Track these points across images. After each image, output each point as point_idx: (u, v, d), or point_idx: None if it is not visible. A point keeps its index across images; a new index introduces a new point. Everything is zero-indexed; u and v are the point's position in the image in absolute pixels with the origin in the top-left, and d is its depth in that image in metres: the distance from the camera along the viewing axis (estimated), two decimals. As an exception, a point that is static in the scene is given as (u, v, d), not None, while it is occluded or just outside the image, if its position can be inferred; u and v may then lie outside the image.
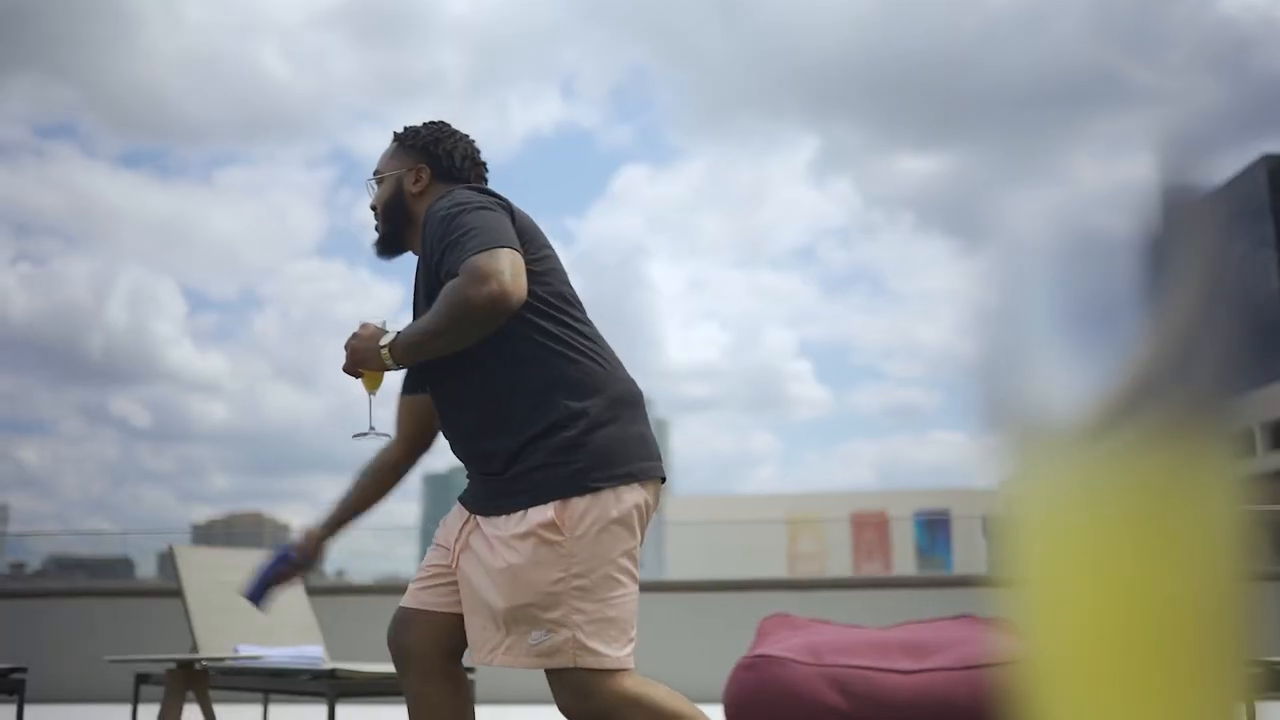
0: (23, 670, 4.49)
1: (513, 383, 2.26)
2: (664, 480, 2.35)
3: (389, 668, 2.84)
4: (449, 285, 2.15)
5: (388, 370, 2.32)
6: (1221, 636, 0.41)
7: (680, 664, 6.83)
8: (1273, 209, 69.14)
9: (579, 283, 2.46)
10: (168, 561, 5.13)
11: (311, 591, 6.12)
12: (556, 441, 2.22)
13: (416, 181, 2.53)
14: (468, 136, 2.60)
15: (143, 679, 5.10)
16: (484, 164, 2.61)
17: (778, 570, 20.53)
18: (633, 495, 2.24)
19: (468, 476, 2.43)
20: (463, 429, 2.37)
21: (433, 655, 2.37)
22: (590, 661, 2.17)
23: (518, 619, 2.20)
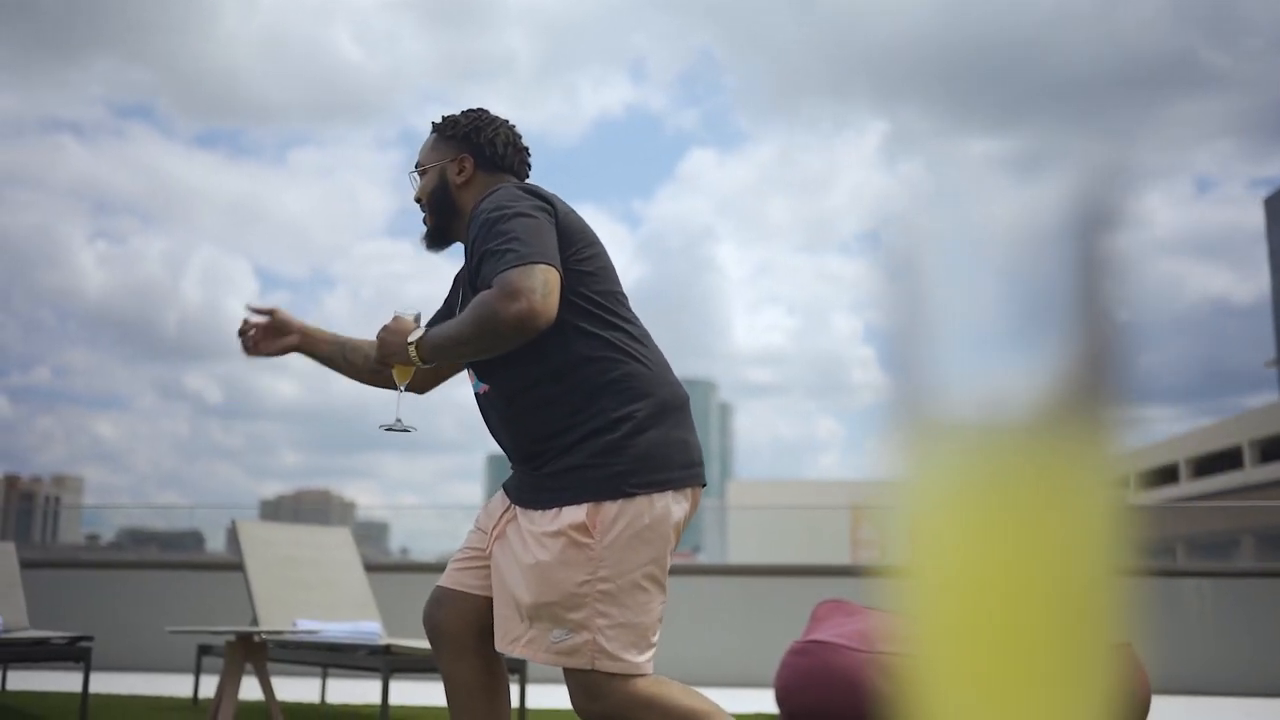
0: (89, 639, 4.60)
1: (560, 383, 2.25)
2: (704, 485, 2.34)
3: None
4: (480, 296, 2.16)
5: (414, 366, 2.32)
6: (1094, 629, 0.41)
7: (739, 647, 6.81)
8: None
9: (645, 266, 2.47)
10: (234, 536, 5.21)
11: (373, 569, 6.20)
12: (598, 444, 2.21)
13: (460, 172, 2.50)
14: (508, 122, 2.56)
15: (204, 650, 5.22)
16: (526, 149, 2.58)
17: (841, 556, 20.44)
18: (668, 503, 2.22)
19: (510, 467, 2.44)
20: (508, 424, 2.37)
21: (465, 635, 2.39)
22: (608, 665, 2.17)
23: (541, 615, 2.20)
